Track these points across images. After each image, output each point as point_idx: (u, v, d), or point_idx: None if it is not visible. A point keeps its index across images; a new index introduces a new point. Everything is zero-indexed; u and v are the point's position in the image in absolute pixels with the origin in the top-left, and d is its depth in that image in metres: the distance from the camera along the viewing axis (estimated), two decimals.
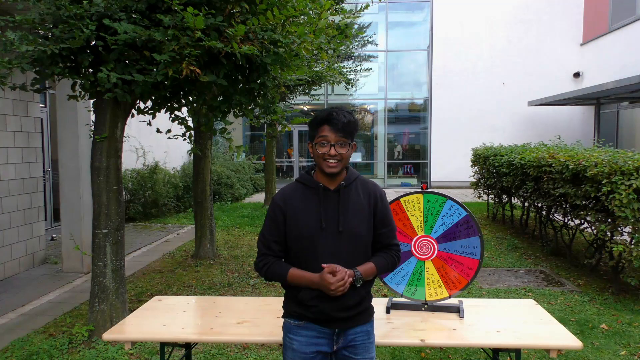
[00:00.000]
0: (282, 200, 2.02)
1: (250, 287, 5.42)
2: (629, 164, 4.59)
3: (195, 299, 3.31)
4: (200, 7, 3.28)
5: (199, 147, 6.35)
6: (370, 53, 16.65)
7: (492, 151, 8.80)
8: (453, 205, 2.86)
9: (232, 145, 6.46)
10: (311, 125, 2.01)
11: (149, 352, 3.80)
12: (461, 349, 3.80)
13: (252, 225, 9.15)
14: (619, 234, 4.80)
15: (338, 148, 1.94)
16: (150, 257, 6.86)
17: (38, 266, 6.41)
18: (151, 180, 9.97)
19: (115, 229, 4.02)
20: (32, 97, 6.35)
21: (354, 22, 9.94)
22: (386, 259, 2.05)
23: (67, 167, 5.97)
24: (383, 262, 2.04)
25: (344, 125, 1.93)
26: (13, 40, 3.17)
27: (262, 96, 4.33)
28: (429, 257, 2.92)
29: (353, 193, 2.03)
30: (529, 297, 4.98)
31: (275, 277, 2.00)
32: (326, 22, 3.82)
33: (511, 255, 6.80)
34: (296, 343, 2.02)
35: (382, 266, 2.04)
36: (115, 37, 3.19)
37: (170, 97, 4.07)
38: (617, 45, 12.71)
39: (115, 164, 4.00)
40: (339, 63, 11.70)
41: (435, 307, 2.88)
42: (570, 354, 3.70)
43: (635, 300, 4.93)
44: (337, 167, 1.96)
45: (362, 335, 2.05)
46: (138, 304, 4.63)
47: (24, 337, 4.11)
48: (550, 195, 6.13)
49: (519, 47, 15.43)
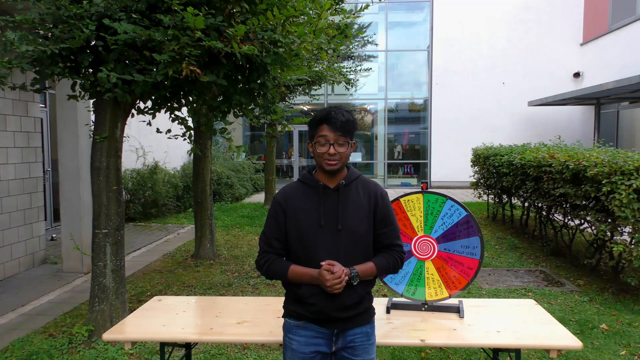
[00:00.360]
0: (283, 199, 2.03)
1: (250, 287, 5.42)
2: (629, 164, 4.59)
3: (195, 299, 3.31)
4: (200, 7, 3.28)
5: (199, 147, 6.35)
6: (370, 53, 16.65)
7: (492, 151, 8.80)
8: (453, 205, 2.86)
9: (232, 145, 6.46)
10: (310, 125, 2.02)
11: (149, 352, 3.80)
12: (461, 349, 3.80)
13: (252, 225, 9.15)
14: (619, 234, 4.80)
15: (337, 147, 1.95)
16: (150, 257, 6.86)
17: (38, 266, 6.41)
18: (151, 180, 9.97)
19: (115, 229, 4.02)
20: (32, 97, 6.35)
21: (354, 22, 9.93)
22: (387, 259, 2.04)
23: (67, 167, 5.97)
24: (384, 262, 2.03)
25: (342, 124, 1.94)
26: (13, 40, 3.17)
27: (262, 96, 4.33)
28: (429, 257, 2.92)
29: (353, 192, 2.03)
30: (529, 297, 4.98)
31: (276, 275, 2.00)
32: (326, 22, 3.82)
33: (511, 255, 6.80)
34: (295, 343, 2.03)
35: (383, 266, 2.02)
36: (115, 37, 3.19)
37: (170, 97, 4.07)
38: (617, 45, 12.71)
39: (115, 164, 4.00)
40: (339, 63, 11.70)
41: (435, 307, 2.88)
42: (570, 354, 3.70)
43: (635, 300, 4.93)
44: (336, 164, 1.97)
45: (361, 336, 2.04)
46: (138, 304, 4.63)
47: (23, 337, 4.11)
48: (550, 195, 6.13)
49: (519, 47, 15.43)
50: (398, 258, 2.06)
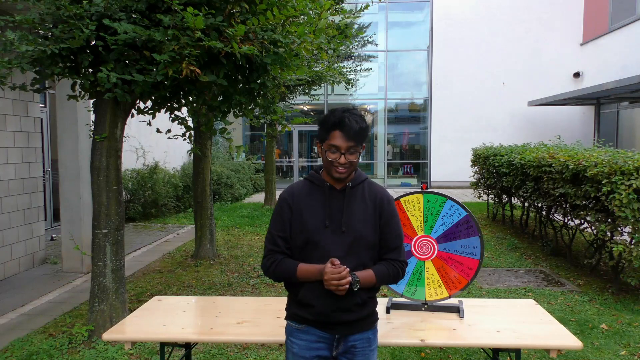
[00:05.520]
0: (289, 196, 2.01)
1: (250, 287, 5.42)
2: (629, 164, 4.58)
3: (195, 299, 3.31)
4: (200, 7, 3.28)
5: (199, 147, 6.35)
6: (370, 53, 16.65)
7: (492, 151, 8.80)
8: (453, 205, 2.86)
9: (232, 145, 6.46)
10: (322, 126, 1.95)
11: (149, 352, 3.80)
12: (461, 349, 3.80)
13: (252, 225, 9.15)
14: (619, 234, 4.80)
15: (348, 156, 1.91)
16: (150, 257, 6.86)
17: (38, 266, 6.41)
18: (151, 180, 9.97)
19: (115, 229, 4.02)
20: (32, 97, 6.35)
21: (353, 22, 9.94)
22: (388, 269, 1.99)
23: (67, 167, 5.97)
24: (384, 271, 1.98)
25: (355, 133, 1.89)
26: (13, 40, 3.17)
27: (262, 96, 4.34)
28: (429, 257, 2.92)
29: (359, 195, 2.01)
30: (529, 297, 4.98)
31: (284, 274, 1.96)
32: (326, 22, 3.82)
33: (511, 255, 6.80)
34: (296, 347, 2.01)
35: (383, 275, 1.97)
36: (115, 37, 3.19)
37: (170, 97, 4.07)
38: (617, 45, 12.71)
39: (115, 163, 4.00)
40: (339, 63, 11.69)
41: (435, 307, 2.88)
42: (570, 354, 3.70)
43: (635, 300, 4.92)
44: (345, 173, 1.94)
45: (362, 342, 2.02)
46: (138, 304, 4.63)
47: (23, 337, 4.11)
48: (550, 195, 6.13)
49: (519, 47, 15.43)
50: (399, 268, 2.02)
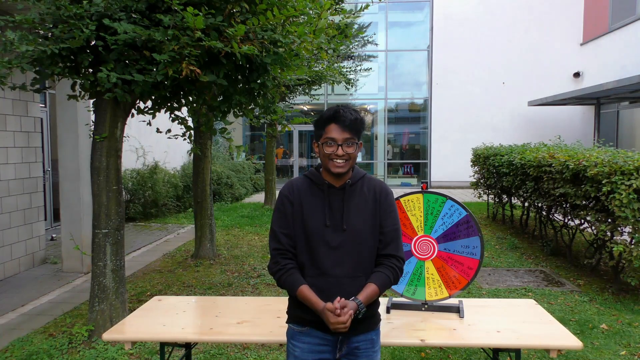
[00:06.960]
0: (289, 191, 2.00)
1: (250, 287, 5.42)
2: (629, 164, 4.58)
3: (195, 299, 3.31)
4: (200, 7, 3.28)
5: (199, 147, 6.35)
6: (370, 53, 16.65)
7: (492, 151, 8.80)
8: (453, 205, 2.86)
9: (232, 145, 6.46)
10: (317, 124, 1.96)
11: (149, 352, 3.80)
12: (461, 349, 3.80)
13: (252, 225, 9.15)
14: (619, 234, 4.80)
15: (346, 147, 1.90)
16: (150, 257, 6.86)
17: (38, 266, 6.41)
18: (151, 180, 9.96)
19: (115, 229, 4.02)
20: (32, 97, 6.35)
21: (354, 22, 9.95)
22: (388, 274, 1.95)
23: (67, 167, 5.97)
24: (385, 279, 1.94)
25: (351, 123, 1.89)
26: (13, 40, 3.17)
27: (262, 96, 4.33)
28: (429, 257, 2.92)
29: (358, 192, 2.00)
30: (529, 297, 4.98)
31: (286, 287, 1.95)
32: (326, 22, 3.82)
33: (511, 255, 6.80)
34: (298, 350, 1.98)
35: (384, 284, 1.94)
36: (115, 37, 3.19)
37: (170, 97, 4.07)
38: (617, 45, 12.71)
39: (115, 163, 4.00)
40: (339, 63, 11.69)
41: (435, 307, 2.88)
42: (570, 354, 3.70)
43: (635, 300, 4.92)
44: (344, 167, 1.92)
45: (365, 343, 1.99)
46: (138, 304, 4.63)
47: (23, 337, 4.10)
48: (550, 195, 6.13)
49: (519, 47, 15.43)
50: (398, 268, 1.99)
